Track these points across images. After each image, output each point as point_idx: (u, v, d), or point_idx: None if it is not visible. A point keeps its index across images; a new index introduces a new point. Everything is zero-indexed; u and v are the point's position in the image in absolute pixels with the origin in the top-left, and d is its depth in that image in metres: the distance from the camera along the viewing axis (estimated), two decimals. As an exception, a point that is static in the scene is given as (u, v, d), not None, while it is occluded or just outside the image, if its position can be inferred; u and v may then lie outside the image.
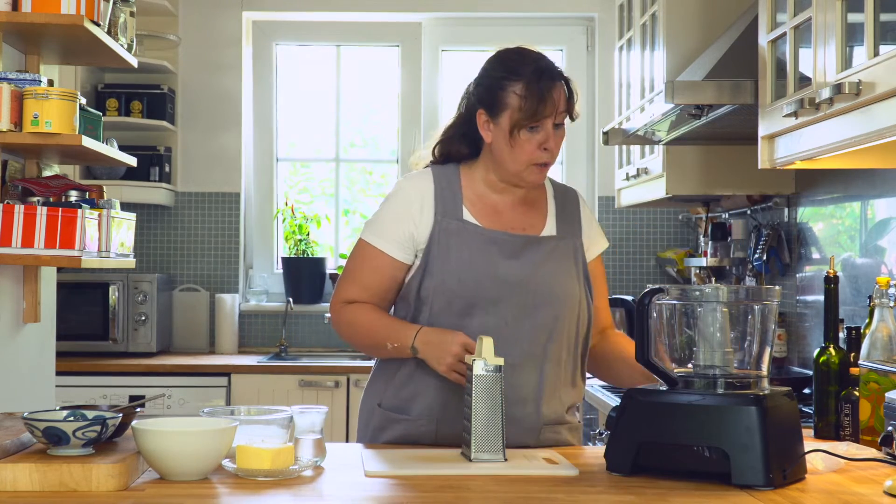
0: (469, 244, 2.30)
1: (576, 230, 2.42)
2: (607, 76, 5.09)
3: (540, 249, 2.34)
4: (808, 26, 2.36)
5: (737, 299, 1.99)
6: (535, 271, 2.31)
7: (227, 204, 5.29)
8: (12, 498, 1.76)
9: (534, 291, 2.30)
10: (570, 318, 2.33)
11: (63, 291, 4.06)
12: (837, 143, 2.24)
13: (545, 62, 2.31)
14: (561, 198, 2.46)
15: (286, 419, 2.06)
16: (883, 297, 2.36)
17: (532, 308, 2.30)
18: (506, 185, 2.37)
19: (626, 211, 5.22)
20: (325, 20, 5.41)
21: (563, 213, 2.43)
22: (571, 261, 2.37)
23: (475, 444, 2.05)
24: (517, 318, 2.29)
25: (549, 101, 2.26)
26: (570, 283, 2.35)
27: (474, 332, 2.23)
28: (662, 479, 1.91)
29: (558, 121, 2.29)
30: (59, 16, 2.84)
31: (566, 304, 2.32)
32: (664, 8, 3.66)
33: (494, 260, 2.29)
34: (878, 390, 2.24)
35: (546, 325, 2.31)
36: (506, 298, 2.29)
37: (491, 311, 2.28)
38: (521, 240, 2.34)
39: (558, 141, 2.30)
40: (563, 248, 2.37)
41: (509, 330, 2.28)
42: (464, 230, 2.31)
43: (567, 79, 2.32)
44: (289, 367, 4.72)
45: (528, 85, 2.26)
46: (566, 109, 2.29)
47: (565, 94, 2.29)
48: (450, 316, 2.28)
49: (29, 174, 3.22)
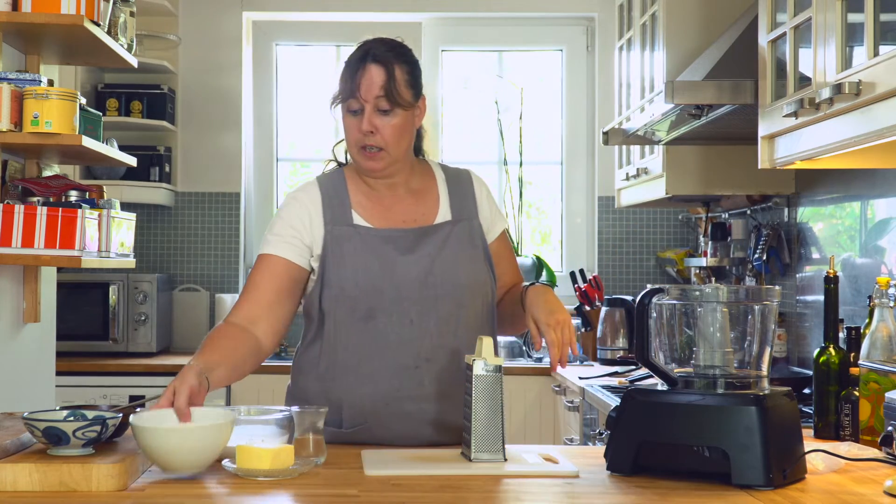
0: (362, 247, 2.28)
1: (471, 211, 2.38)
2: (607, 76, 5.09)
3: (436, 238, 2.32)
4: (808, 26, 2.36)
5: (737, 299, 1.99)
6: (433, 262, 2.29)
7: (227, 204, 5.29)
8: (12, 498, 1.76)
9: (434, 284, 2.28)
10: (475, 302, 2.32)
11: (63, 291, 4.06)
12: (837, 143, 2.24)
13: (376, 47, 2.28)
14: (453, 180, 2.42)
15: (286, 419, 2.06)
16: (883, 297, 2.36)
17: (434, 300, 2.28)
18: (381, 179, 2.34)
19: (626, 211, 5.22)
20: (325, 20, 5.41)
21: (455, 196, 2.39)
22: (469, 244, 2.34)
23: (475, 444, 2.05)
24: (420, 313, 2.27)
25: (361, 83, 2.24)
26: (471, 266, 2.33)
27: (381, 333, 2.25)
28: (662, 479, 1.91)
29: (380, 106, 2.25)
30: (59, 16, 2.85)
31: (469, 289, 2.31)
32: (664, 8, 3.66)
33: (391, 259, 2.27)
34: (878, 390, 2.24)
35: (451, 314, 2.29)
36: (406, 296, 2.26)
37: (394, 312, 2.26)
38: (414, 233, 2.32)
39: (387, 127, 2.26)
40: (458, 231, 2.34)
41: (414, 327, 2.26)
42: (355, 234, 2.29)
43: (392, 62, 2.26)
44: (289, 368, 4.68)
45: (346, 67, 2.29)
46: (384, 94, 2.24)
47: (384, 78, 2.25)
48: (354, 322, 2.26)
49: (29, 174, 3.22)
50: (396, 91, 2.25)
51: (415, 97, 2.31)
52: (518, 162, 5.39)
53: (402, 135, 2.29)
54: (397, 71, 2.26)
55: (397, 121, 2.27)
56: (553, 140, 5.48)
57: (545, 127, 5.49)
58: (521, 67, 5.55)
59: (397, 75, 2.26)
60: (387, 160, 2.30)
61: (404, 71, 2.28)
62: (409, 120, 2.31)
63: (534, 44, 5.48)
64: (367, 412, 2.27)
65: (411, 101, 2.29)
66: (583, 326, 4.96)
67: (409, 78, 2.29)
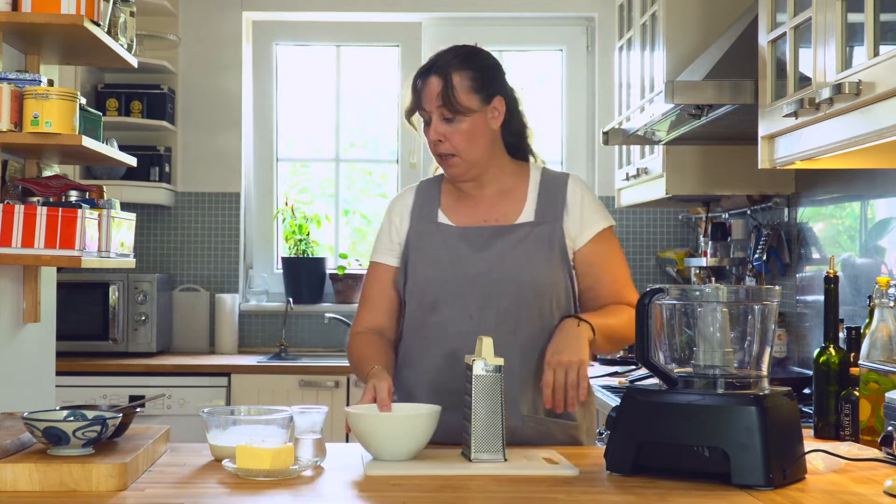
0: (440, 243, 2.39)
1: (557, 215, 2.40)
2: (607, 76, 5.09)
3: (510, 238, 2.36)
4: (808, 26, 2.36)
5: (737, 299, 1.99)
6: (502, 260, 2.34)
7: (227, 204, 5.29)
8: (12, 498, 1.76)
9: (496, 280, 2.33)
10: (541, 302, 2.33)
11: (63, 291, 4.06)
12: (837, 143, 2.24)
13: (441, 57, 2.37)
14: (547, 183, 2.44)
15: (286, 419, 2.06)
16: (883, 297, 2.36)
17: (495, 297, 2.32)
18: (471, 182, 2.42)
19: (626, 211, 5.22)
20: (325, 20, 5.41)
21: (544, 199, 2.41)
22: (546, 245, 2.36)
23: (475, 444, 2.05)
24: (481, 308, 2.32)
25: (423, 95, 2.35)
26: (539, 267, 2.34)
27: (441, 325, 2.33)
28: (662, 479, 1.91)
29: (444, 115, 2.33)
30: (59, 16, 2.84)
31: (532, 289, 2.32)
32: (664, 8, 3.66)
33: (462, 255, 2.36)
34: (878, 390, 2.24)
35: (511, 312, 2.32)
36: (468, 291, 2.33)
37: (456, 305, 2.34)
38: (489, 231, 2.38)
39: (454, 134, 2.34)
40: (538, 233, 2.37)
41: (474, 322, 2.31)
42: (436, 231, 2.41)
43: (449, 71, 2.33)
44: (289, 367, 4.72)
45: (413, 79, 2.40)
46: (443, 103, 2.32)
47: (441, 87, 2.32)
48: (422, 313, 2.37)
49: (29, 174, 3.22)
50: (455, 98, 2.32)
51: (483, 101, 2.35)
52: (518, 162, 5.38)
53: (472, 139, 2.35)
54: (456, 78, 2.33)
55: (465, 126, 2.34)
56: (553, 140, 5.48)
57: (545, 127, 5.49)
58: (521, 67, 5.54)
59: (456, 82, 2.33)
60: (462, 165, 2.38)
61: (466, 77, 2.34)
62: (481, 124, 2.36)
63: (534, 44, 5.48)
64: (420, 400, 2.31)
65: (475, 107, 2.34)
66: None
67: (473, 83, 2.34)
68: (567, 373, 2.18)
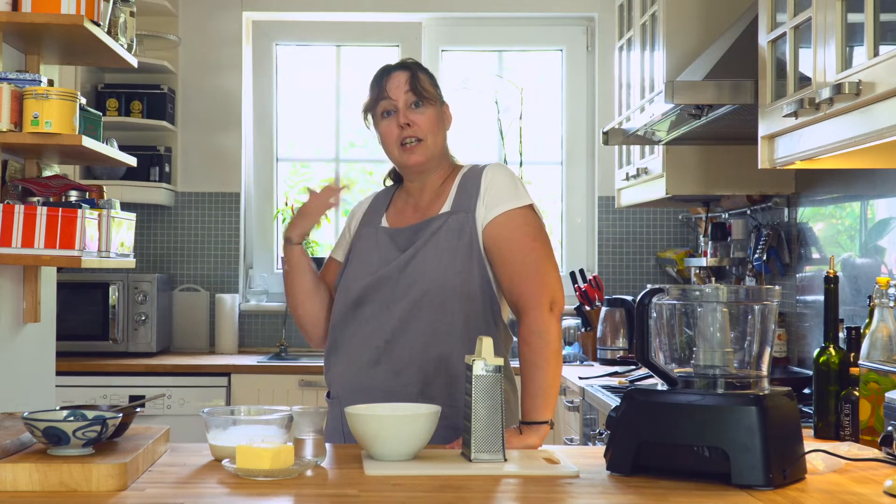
0: (373, 245, 2.49)
1: (472, 203, 2.43)
2: (607, 76, 5.09)
3: (425, 232, 2.44)
4: (808, 26, 2.37)
5: (737, 299, 1.99)
6: (415, 254, 2.42)
7: (227, 204, 5.29)
8: (12, 498, 1.76)
9: (409, 273, 2.40)
10: (443, 290, 2.37)
11: (63, 291, 4.06)
12: (837, 143, 2.24)
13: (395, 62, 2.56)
14: (467, 175, 2.48)
15: (286, 419, 2.06)
16: (883, 297, 2.36)
17: (407, 289, 2.39)
18: (414, 182, 2.52)
19: (626, 211, 5.22)
20: (325, 20, 5.41)
21: (461, 190, 2.46)
22: (455, 236, 2.40)
23: (475, 445, 2.05)
24: (395, 301, 2.40)
25: (388, 85, 2.47)
26: (443, 258, 2.38)
27: (364, 318, 2.42)
28: (662, 479, 1.91)
29: (410, 100, 2.45)
30: (59, 16, 2.84)
31: (432, 279, 2.38)
32: (664, 8, 3.66)
33: (391, 255, 2.45)
34: (878, 390, 2.24)
35: (417, 300, 2.38)
36: (386, 285, 2.42)
37: (377, 300, 2.42)
38: (412, 228, 2.46)
39: (421, 118, 2.45)
40: (450, 223, 2.42)
41: (389, 312, 2.40)
42: (374, 234, 2.52)
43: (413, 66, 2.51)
44: (289, 367, 4.72)
45: (372, 81, 2.54)
46: (410, 88, 2.45)
47: (408, 76, 2.47)
48: (347, 309, 2.46)
49: (29, 174, 3.22)
50: (422, 86, 2.46)
51: (440, 100, 2.51)
52: (518, 162, 5.39)
53: (437, 127, 2.48)
54: (419, 72, 2.50)
55: (430, 113, 2.47)
56: (553, 140, 5.48)
57: (545, 127, 5.49)
58: (521, 67, 5.55)
59: (419, 76, 2.49)
60: (426, 152, 2.46)
61: (426, 76, 2.51)
62: (440, 117, 2.50)
63: (534, 44, 5.48)
64: (338, 386, 2.45)
65: (437, 97, 2.49)
66: (583, 326, 4.96)
67: (431, 80, 2.52)
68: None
